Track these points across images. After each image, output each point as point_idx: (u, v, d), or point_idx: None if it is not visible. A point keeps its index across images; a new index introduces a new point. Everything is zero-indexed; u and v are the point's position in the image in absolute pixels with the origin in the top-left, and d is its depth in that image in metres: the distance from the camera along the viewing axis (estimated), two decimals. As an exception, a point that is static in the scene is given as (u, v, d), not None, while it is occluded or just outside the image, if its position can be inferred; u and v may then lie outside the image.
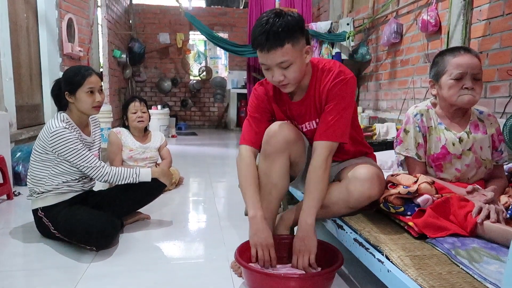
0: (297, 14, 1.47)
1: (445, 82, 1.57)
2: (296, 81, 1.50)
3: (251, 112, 1.69)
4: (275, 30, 1.38)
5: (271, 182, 1.59)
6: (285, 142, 1.56)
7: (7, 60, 3.18)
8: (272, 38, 1.38)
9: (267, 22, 1.40)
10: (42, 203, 1.91)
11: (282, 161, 1.58)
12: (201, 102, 9.05)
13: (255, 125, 1.66)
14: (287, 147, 1.57)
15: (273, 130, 1.57)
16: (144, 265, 1.69)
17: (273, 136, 1.56)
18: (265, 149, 1.59)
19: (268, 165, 1.59)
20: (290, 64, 1.43)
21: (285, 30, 1.38)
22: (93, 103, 1.94)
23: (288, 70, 1.45)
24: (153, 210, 2.39)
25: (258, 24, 1.42)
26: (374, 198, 1.51)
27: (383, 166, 2.36)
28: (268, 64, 1.45)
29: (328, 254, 1.50)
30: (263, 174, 1.61)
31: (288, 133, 1.56)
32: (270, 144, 1.57)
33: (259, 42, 1.41)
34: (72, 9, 4.51)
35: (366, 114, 4.82)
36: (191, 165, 4.27)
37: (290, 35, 1.39)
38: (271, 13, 1.42)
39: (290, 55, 1.41)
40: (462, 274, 1.09)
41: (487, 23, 2.87)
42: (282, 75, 1.46)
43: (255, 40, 1.43)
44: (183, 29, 8.45)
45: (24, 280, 1.59)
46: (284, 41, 1.39)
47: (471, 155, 1.61)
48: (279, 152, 1.56)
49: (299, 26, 1.43)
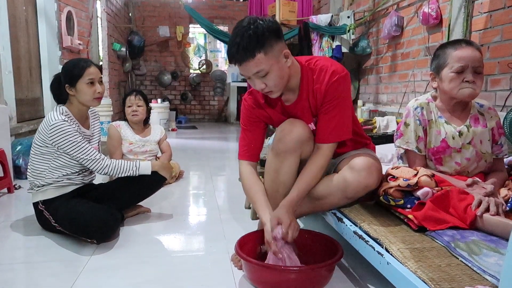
0: (269, 20, 1.43)
1: (446, 75, 1.56)
2: (279, 87, 1.47)
3: (243, 124, 1.69)
4: (244, 42, 1.36)
5: (279, 179, 1.59)
6: (298, 141, 1.54)
7: (6, 54, 3.17)
8: (242, 50, 1.37)
9: (237, 33, 1.39)
10: (43, 196, 1.92)
11: (293, 160, 1.57)
12: (201, 95, 9.04)
13: (249, 137, 1.67)
14: (299, 146, 1.56)
15: (287, 128, 1.56)
16: (144, 258, 1.70)
17: (287, 134, 1.54)
18: (277, 147, 1.57)
19: (278, 163, 1.58)
20: (266, 72, 1.41)
21: (254, 40, 1.36)
22: (94, 94, 1.94)
23: (266, 78, 1.42)
24: (153, 203, 2.39)
25: (231, 37, 1.42)
26: (371, 188, 1.52)
27: (383, 159, 2.36)
28: (246, 75, 1.45)
29: (327, 246, 1.51)
30: (272, 171, 1.60)
31: (302, 132, 1.55)
32: (282, 142, 1.55)
33: (231, 56, 1.42)
34: (72, 2, 4.49)
35: (367, 108, 4.81)
36: (191, 158, 4.27)
37: (260, 44, 1.36)
38: (243, 23, 1.40)
39: (265, 64, 1.39)
40: (461, 267, 1.09)
41: (488, 15, 2.85)
42: (262, 83, 1.44)
43: (228, 54, 1.44)
44: (183, 22, 8.41)
45: (25, 273, 1.60)
46: (254, 52, 1.36)
47: (471, 149, 1.61)
48: (291, 151, 1.55)
49: (270, 32, 1.39)
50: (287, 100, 1.60)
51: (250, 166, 1.67)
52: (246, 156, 1.68)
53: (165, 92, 8.75)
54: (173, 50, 8.66)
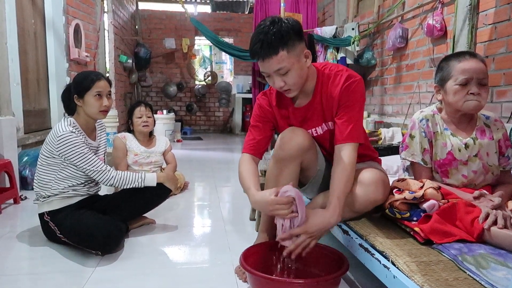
0: (292, 20, 1.47)
1: (451, 87, 1.56)
2: (297, 86, 1.50)
3: (253, 121, 1.70)
4: (268, 39, 1.39)
5: (279, 186, 1.58)
6: (299, 149, 1.55)
7: (14, 65, 3.21)
8: (266, 47, 1.40)
9: (261, 31, 1.41)
10: (48, 207, 1.93)
11: (293, 168, 1.58)
12: (207, 106, 9.08)
13: (257, 133, 1.67)
14: (300, 154, 1.56)
15: (287, 135, 1.57)
16: (149, 270, 1.69)
17: (287, 142, 1.55)
18: (277, 154, 1.58)
19: (278, 170, 1.59)
20: (288, 70, 1.43)
21: (278, 38, 1.39)
22: (100, 107, 1.96)
23: (287, 76, 1.45)
24: (158, 214, 2.39)
25: (254, 34, 1.45)
26: (379, 202, 1.51)
27: (389, 171, 2.35)
28: (267, 72, 1.47)
29: (333, 259, 1.49)
30: (272, 177, 1.61)
31: (302, 140, 1.56)
32: (283, 149, 1.56)
33: (255, 52, 1.44)
34: (79, 15, 4.56)
35: (372, 119, 4.81)
36: (196, 169, 4.27)
37: (284, 42, 1.40)
38: (266, 22, 1.44)
39: (286, 62, 1.42)
40: (469, 281, 1.08)
41: (493, 27, 2.86)
42: (282, 81, 1.46)
43: (251, 50, 1.46)
44: (188, 34, 8.50)
45: (29, 284, 1.60)
46: (278, 49, 1.39)
47: (477, 161, 1.60)
48: (291, 158, 1.56)
49: (294, 32, 1.42)
50: (300, 103, 1.62)
51: (251, 158, 1.65)
52: (250, 150, 1.66)
53: (170, 103, 8.81)
54: (178, 61, 8.74)
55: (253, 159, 1.66)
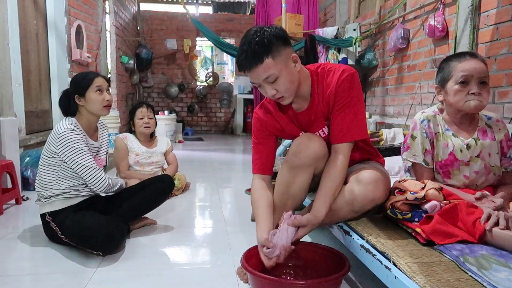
0: (275, 27, 1.46)
1: (451, 87, 1.56)
2: (290, 92, 1.48)
3: (255, 138, 1.70)
4: (252, 48, 1.39)
5: (289, 193, 1.59)
6: (314, 157, 1.54)
7: (16, 66, 3.22)
8: (251, 57, 1.40)
9: (245, 42, 1.42)
10: (50, 208, 1.93)
11: (306, 175, 1.57)
12: (208, 107, 9.09)
13: (261, 151, 1.68)
14: (314, 162, 1.55)
15: (304, 143, 1.55)
16: (150, 270, 1.69)
17: (304, 149, 1.54)
18: (292, 161, 1.56)
19: (291, 176, 1.57)
20: (276, 77, 1.42)
21: (262, 46, 1.39)
22: (103, 102, 1.97)
23: (277, 84, 1.44)
24: (159, 215, 2.39)
25: (239, 46, 1.45)
26: (378, 202, 1.51)
27: (390, 172, 2.35)
28: (257, 82, 1.46)
29: (334, 260, 1.49)
30: (284, 183, 1.60)
31: (319, 148, 1.54)
32: (298, 157, 1.55)
33: (241, 63, 1.44)
34: (81, 16, 4.57)
35: (373, 120, 4.80)
36: (197, 170, 4.27)
37: (268, 49, 1.39)
38: (250, 32, 1.44)
39: (274, 69, 1.41)
40: (470, 282, 1.07)
41: (495, 28, 2.85)
42: (273, 89, 1.45)
43: (238, 63, 1.46)
44: (190, 35, 8.51)
45: (31, 284, 1.60)
46: (262, 57, 1.39)
47: (479, 162, 1.60)
48: (305, 166, 1.55)
49: (277, 38, 1.41)
50: (299, 108, 1.61)
51: (262, 180, 1.66)
52: (259, 169, 1.68)
53: (172, 104, 8.82)
54: (180, 62, 8.75)
55: (263, 179, 1.67)
